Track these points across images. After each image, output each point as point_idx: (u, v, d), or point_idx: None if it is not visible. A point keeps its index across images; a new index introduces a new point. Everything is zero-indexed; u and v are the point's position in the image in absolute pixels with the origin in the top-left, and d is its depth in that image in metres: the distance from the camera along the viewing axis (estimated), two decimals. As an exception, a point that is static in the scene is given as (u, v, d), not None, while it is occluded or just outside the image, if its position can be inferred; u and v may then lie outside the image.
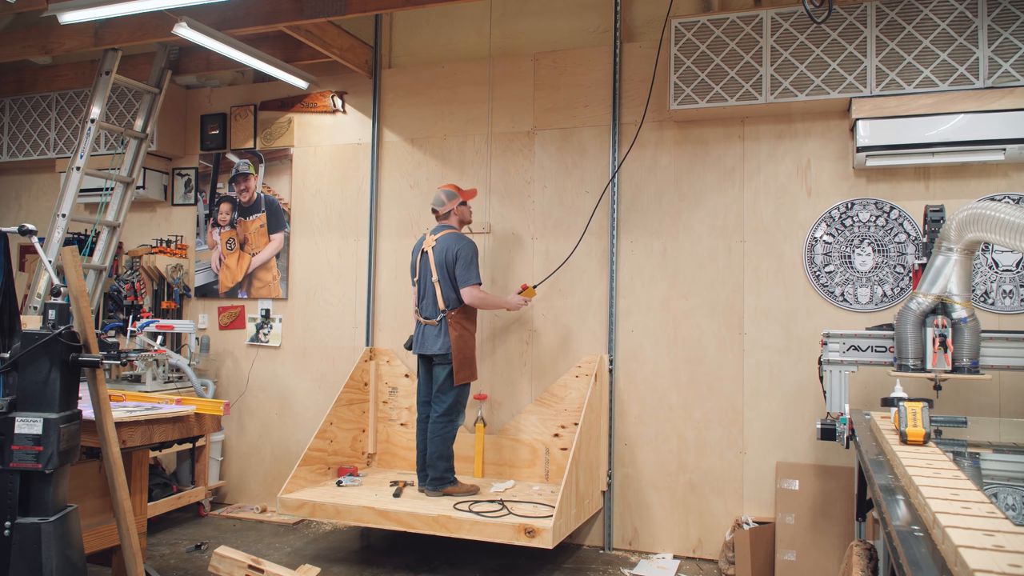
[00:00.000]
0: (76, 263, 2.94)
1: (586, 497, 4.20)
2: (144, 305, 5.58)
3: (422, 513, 3.88)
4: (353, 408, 4.89)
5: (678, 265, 4.53)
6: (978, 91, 3.80)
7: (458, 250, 4.19)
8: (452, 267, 4.18)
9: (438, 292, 4.22)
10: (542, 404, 4.70)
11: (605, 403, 4.53)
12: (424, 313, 4.31)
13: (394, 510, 3.93)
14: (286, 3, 4.39)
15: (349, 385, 4.85)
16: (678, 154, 4.57)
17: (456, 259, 4.18)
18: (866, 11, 3.99)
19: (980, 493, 1.72)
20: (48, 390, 2.70)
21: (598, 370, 4.43)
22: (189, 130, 5.82)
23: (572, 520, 3.96)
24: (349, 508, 4.02)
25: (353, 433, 4.89)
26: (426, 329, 4.29)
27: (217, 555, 3.61)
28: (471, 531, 3.77)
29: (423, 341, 4.29)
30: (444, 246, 4.24)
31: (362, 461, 4.97)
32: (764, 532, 4.12)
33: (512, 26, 4.97)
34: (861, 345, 3.54)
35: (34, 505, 2.65)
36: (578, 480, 4.04)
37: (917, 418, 2.38)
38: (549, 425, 4.67)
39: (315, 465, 4.51)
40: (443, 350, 4.20)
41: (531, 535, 3.65)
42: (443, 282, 4.22)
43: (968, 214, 2.93)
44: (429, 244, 4.33)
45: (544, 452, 4.66)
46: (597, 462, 4.44)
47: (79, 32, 4.93)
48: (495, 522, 3.76)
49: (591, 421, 4.28)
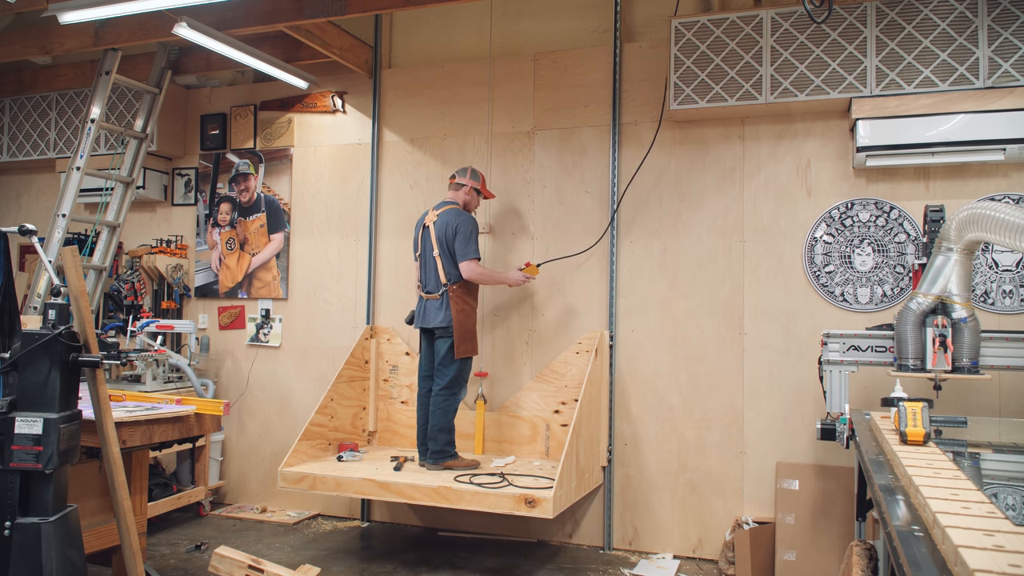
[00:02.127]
0: (76, 263, 2.94)
1: (586, 471, 4.21)
2: (144, 305, 5.58)
3: (423, 485, 3.88)
4: (354, 385, 4.90)
5: (678, 265, 4.54)
6: (978, 91, 3.80)
7: (457, 224, 4.20)
8: (452, 241, 4.20)
9: (439, 266, 4.23)
10: (543, 381, 4.71)
11: (606, 378, 4.54)
12: (426, 287, 4.31)
13: (395, 482, 3.94)
14: (286, 3, 4.39)
15: (350, 362, 4.86)
16: (678, 154, 4.56)
17: (455, 233, 4.19)
18: (866, 11, 3.99)
19: (980, 493, 1.72)
20: (48, 390, 2.70)
21: (598, 345, 4.44)
22: (189, 130, 5.82)
23: (572, 492, 3.97)
24: (350, 480, 4.03)
25: (354, 410, 4.89)
26: (428, 303, 4.29)
27: (217, 555, 3.62)
28: (471, 502, 3.78)
29: (424, 315, 4.30)
30: (444, 220, 4.25)
31: (363, 438, 4.98)
32: (764, 532, 4.12)
33: (512, 26, 4.97)
34: (861, 345, 3.54)
35: (34, 505, 2.65)
36: (578, 453, 4.05)
37: (917, 418, 2.38)
38: (549, 402, 4.68)
39: (316, 440, 4.51)
40: (444, 323, 4.20)
41: (531, 505, 3.66)
42: (444, 256, 4.23)
43: (968, 214, 2.93)
44: (431, 219, 4.33)
45: (544, 428, 4.67)
46: (598, 437, 4.45)
47: (79, 32, 4.93)
48: (496, 493, 3.76)
49: (591, 395, 4.30)
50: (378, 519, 5.12)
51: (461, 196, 4.39)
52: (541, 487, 3.85)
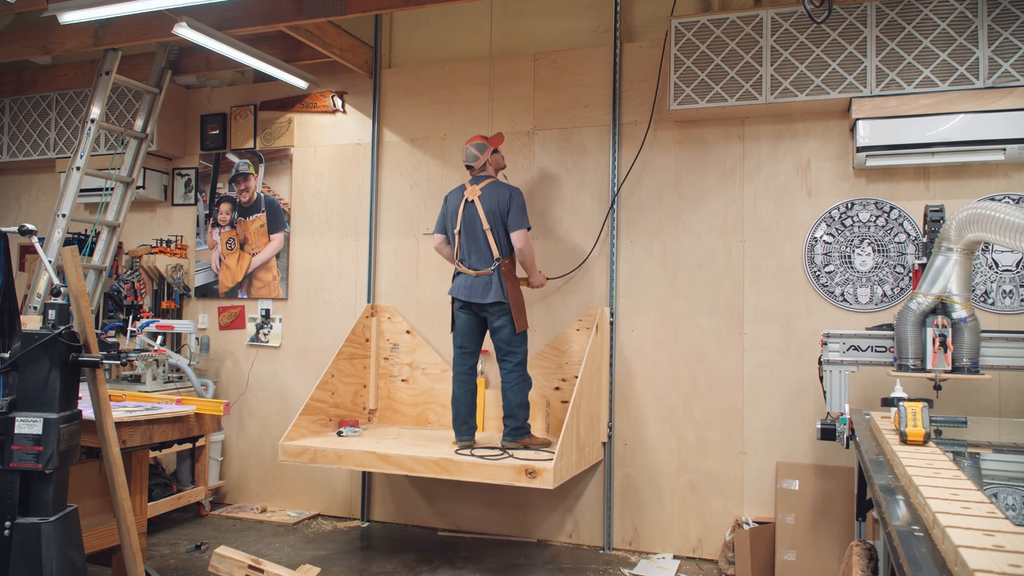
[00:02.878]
0: (76, 263, 2.94)
1: (587, 445, 4.22)
2: (144, 305, 5.59)
3: (423, 457, 3.88)
4: (355, 363, 4.91)
5: (678, 265, 4.53)
6: (978, 91, 3.80)
7: (511, 194, 4.15)
8: (506, 214, 4.13)
9: (491, 241, 4.14)
10: (543, 358, 4.72)
11: (606, 355, 4.55)
12: (474, 265, 4.18)
13: (395, 454, 3.94)
14: (286, 3, 4.39)
15: (350, 339, 4.87)
16: (678, 154, 4.56)
17: (510, 204, 4.13)
18: (866, 11, 3.99)
19: (980, 493, 1.72)
20: (48, 390, 2.70)
21: (599, 322, 4.45)
22: (189, 130, 5.82)
23: (573, 465, 3.97)
24: (350, 453, 4.03)
25: (354, 388, 4.90)
26: (475, 280, 4.17)
27: (217, 555, 3.62)
28: (471, 473, 3.77)
29: (471, 291, 4.17)
30: (495, 193, 4.17)
31: (363, 416, 4.99)
32: (764, 532, 4.12)
33: (512, 26, 4.97)
34: (861, 345, 3.54)
35: (34, 505, 2.65)
36: (579, 427, 4.06)
37: (917, 418, 2.38)
38: (550, 379, 4.69)
39: (316, 416, 4.52)
40: (500, 298, 4.10)
41: (532, 475, 3.66)
42: (496, 229, 4.14)
43: (968, 214, 2.92)
44: (474, 194, 4.20)
45: (545, 405, 4.68)
46: (598, 413, 4.45)
47: (79, 32, 4.93)
48: (496, 464, 3.76)
49: (592, 370, 4.30)
50: (378, 519, 5.12)
51: (490, 169, 4.30)
52: (542, 459, 3.85)
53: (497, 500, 4.80)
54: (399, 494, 5.06)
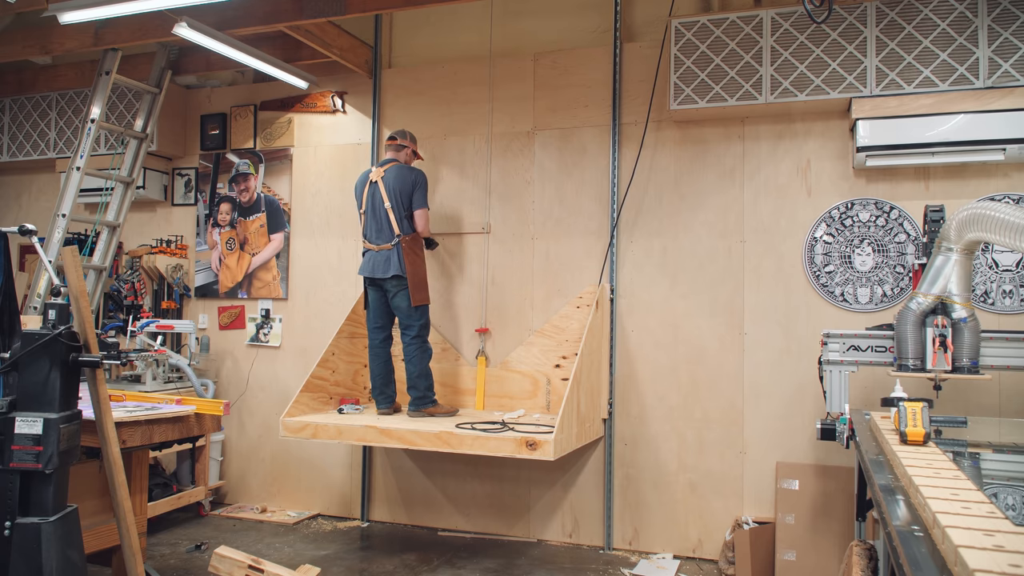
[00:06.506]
0: (76, 263, 2.94)
1: (587, 420, 4.23)
2: (144, 305, 5.59)
3: (424, 430, 3.90)
4: (355, 342, 4.91)
5: (678, 265, 4.54)
6: (978, 91, 3.80)
7: (414, 178, 4.42)
8: (410, 194, 4.39)
9: (392, 218, 4.36)
10: (544, 336, 4.73)
11: (606, 330, 4.55)
12: (376, 240, 4.41)
13: (396, 428, 3.96)
14: (286, 3, 4.39)
15: (351, 319, 4.87)
16: (678, 154, 4.56)
17: (415, 186, 4.40)
18: (866, 11, 3.99)
19: (980, 493, 1.72)
20: (48, 390, 2.70)
21: (599, 298, 4.45)
22: (189, 130, 5.82)
23: (573, 439, 3.98)
24: (351, 428, 4.05)
25: (355, 367, 4.92)
26: (377, 256, 4.39)
27: (217, 555, 3.62)
28: (472, 446, 3.79)
29: (374, 266, 4.40)
30: (398, 175, 4.42)
31: (364, 395, 4.99)
32: (764, 532, 4.12)
33: (512, 26, 4.97)
34: (861, 345, 3.54)
35: (34, 505, 2.65)
36: (579, 401, 4.07)
37: (917, 418, 2.38)
38: (550, 356, 4.70)
39: (316, 393, 4.54)
40: (398, 271, 4.32)
41: (532, 448, 3.67)
42: (396, 209, 4.38)
43: (968, 214, 2.92)
44: (377, 175, 4.46)
45: (545, 383, 4.69)
46: (598, 389, 4.46)
47: (79, 32, 4.93)
48: (497, 437, 3.78)
49: (592, 346, 4.31)
50: (378, 519, 5.12)
51: (403, 156, 4.57)
52: (542, 431, 3.87)
53: (497, 500, 4.80)
54: (399, 494, 5.06)
